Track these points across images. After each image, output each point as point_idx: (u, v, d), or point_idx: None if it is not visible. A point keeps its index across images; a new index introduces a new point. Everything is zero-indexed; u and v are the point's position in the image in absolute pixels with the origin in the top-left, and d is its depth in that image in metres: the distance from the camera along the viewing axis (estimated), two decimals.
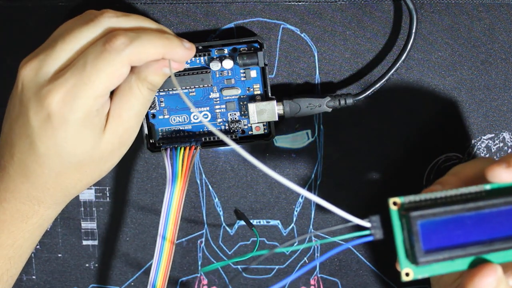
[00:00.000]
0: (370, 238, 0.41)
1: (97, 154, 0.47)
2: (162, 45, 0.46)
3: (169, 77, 0.52)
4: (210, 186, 0.56)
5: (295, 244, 0.56)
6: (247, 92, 0.53)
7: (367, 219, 0.41)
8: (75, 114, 0.45)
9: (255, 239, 0.56)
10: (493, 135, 0.55)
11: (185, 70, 0.53)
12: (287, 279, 0.54)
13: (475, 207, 0.41)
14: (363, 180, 0.55)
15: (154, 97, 0.53)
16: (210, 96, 0.53)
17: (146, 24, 0.47)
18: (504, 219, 0.42)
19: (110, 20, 0.46)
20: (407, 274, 0.42)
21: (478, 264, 0.42)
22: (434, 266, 0.42)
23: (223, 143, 0.54)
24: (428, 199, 0.42)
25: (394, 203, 0.42)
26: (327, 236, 0.55)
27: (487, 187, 0.43)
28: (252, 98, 0.53)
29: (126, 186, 0.56)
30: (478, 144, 0.55)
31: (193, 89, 0.53)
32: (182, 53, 0.47)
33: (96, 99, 0.45)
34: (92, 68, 0.44)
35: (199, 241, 0.56)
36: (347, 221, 0.41)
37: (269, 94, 0.53)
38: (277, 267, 0.57)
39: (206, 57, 0.52)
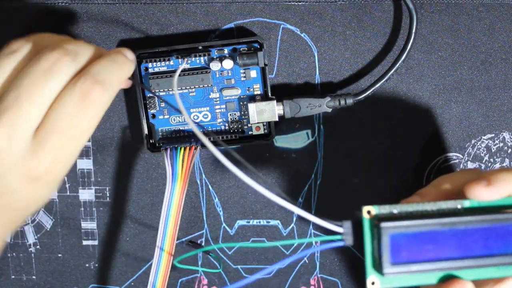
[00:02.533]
0: (340, 243, 0.41)
1: None
2: (124, 74, 0.45)
3: (170, 78, 0.53)
4: (210, 186, 0.56)
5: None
6: (247, 92, 0.53)
7: (339, 223, 0.41)
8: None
9: (256, 239, 0.56)
10: (493, 135, 0.55)
11: (185, 70, 0.53)
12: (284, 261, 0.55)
13: (449, 223, 0.41)
14: (363, 180, 0.55)
15: (154, 97, 0.53)
16: (210, 96, 0.53)
17: (91, 51, 0.45)
18: (478, 238, 0.41)
19: (68, 63, 0.43)
20: (372, 283, 0.42)
21: (449, 279, 0.42)
22: (402, 278, 0.42)
23: (223, 143, 0.54)
24: (403, 211, 0.42)
25: (368, 212, 0.42)
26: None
27: (466, 203, 0.42)
28: (252, 98, 0.53)
29: (126, 186, 0.56)
30: (478, 144, 0.55)
31: (193, 89, 0.53)
32: (130, 70, 0.46)
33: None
34: (78, 126, 0.42)
35: (199, 241, 0.56)
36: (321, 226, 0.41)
37: (269, 94, 0.53)
38: (277, 267, 0.57)
39: (206, 57, 0.52)
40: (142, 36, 0.54)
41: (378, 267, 0.41)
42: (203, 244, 0.56)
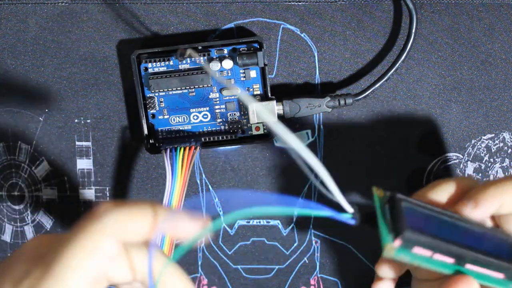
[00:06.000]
0: (352, 221, 0.41)
1: None
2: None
3: (170, 78, 0.53)
4: (210, 186, 0.56)
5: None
6: (247, 92, 0.53)
7: (351, 204, 0.41)
8: None
9: (255, 239, 0.56)
10: (493, 135, 0.55)
11: (185, 70, 0.53)
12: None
13: (459, 217, 0.41)
14: (363, 180, 0.55)
15: (154, 97, 0.53)
16: (210, 96, 0.53)
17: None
18: (495, 242, 0.41)
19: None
20: (390, 249, 0.39)
21: (459, 274, 0.41)
22: (416, 253, 0.40)
23: (223, 143, 0.54)
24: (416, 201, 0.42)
25: (379, 191, 0.42)
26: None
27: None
28: None
29: (126, 186, 0.56)
30: (478, 144, 0.55)
31: (193, 89, 0.53)
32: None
33: None
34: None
35: (199, 241, 0.56)
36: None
37: (269, 94, 0.53)
38: (277, 267, 0.57)
39: (206, 57, 0.52)
40: (142, 36, 0.54)
41: (395, 232, 0.39)
42: (203, 244, 0.56)
